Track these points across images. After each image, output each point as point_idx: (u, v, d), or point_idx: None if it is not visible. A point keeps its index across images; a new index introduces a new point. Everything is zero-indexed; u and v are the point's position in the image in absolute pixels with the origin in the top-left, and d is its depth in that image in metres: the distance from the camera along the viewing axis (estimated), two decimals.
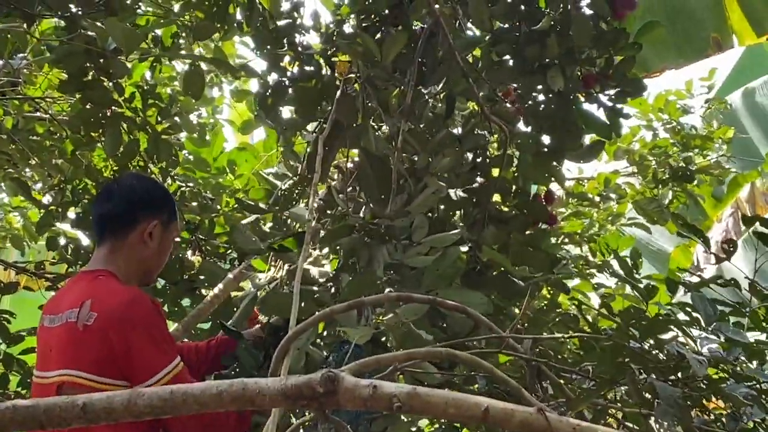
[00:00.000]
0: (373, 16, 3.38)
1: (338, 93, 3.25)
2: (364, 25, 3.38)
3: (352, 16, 3.49)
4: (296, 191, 3.47)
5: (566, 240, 5.13)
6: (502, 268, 3.11)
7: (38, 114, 5.21)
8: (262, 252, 3.33)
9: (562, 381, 2.47)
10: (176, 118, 5.58)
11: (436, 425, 3.61)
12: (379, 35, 3.32)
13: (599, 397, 2.35)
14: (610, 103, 3.57)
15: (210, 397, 1.32)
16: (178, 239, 4.80)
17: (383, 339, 3.09)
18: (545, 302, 3.82)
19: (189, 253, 4.97)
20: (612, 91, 3.56)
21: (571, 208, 5.50)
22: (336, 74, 3.49)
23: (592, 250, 5.17)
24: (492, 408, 1.23)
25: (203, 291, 4.60)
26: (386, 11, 3.36)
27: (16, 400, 1.22)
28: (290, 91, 3.44)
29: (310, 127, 3.51)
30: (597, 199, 5.51)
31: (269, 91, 3.41)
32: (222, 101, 7.37)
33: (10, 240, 6.75)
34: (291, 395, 1.33)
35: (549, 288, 3.72)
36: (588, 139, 3.71)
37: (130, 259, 2.92)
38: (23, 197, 5.69)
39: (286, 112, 3.66)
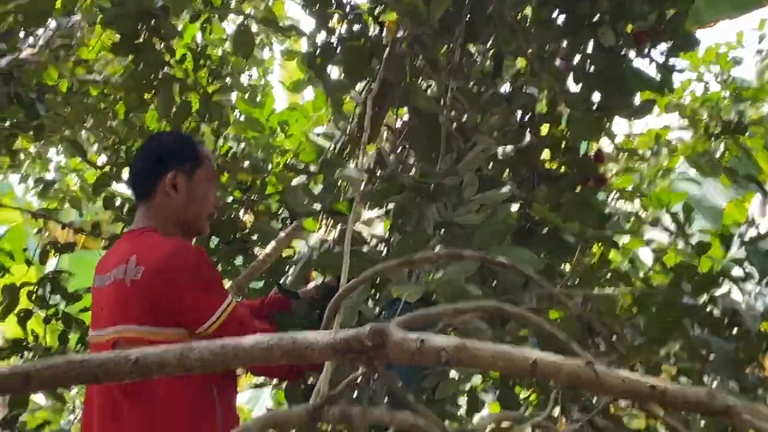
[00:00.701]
0: None
1: (386, 52, 3.24)
2: None
3: None
4: (346, 152, 3.49)
5: (617, 196, 5.09)
6: (552, 226, 3.10)
7: (92, 77, 5.28)
8: (314, 213, 3.35)
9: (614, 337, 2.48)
10: (228, 79, 5.64)
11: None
12: None
13: (652, 353, 2.35)
14: (661, 59, 3.53)
15: (260, 350, 1.34)
16: (230, 198, 4.88)
17: (434, 297, 3.11)
18: (595, 259, 3.81)
19: (241, 212, 5.03)
20: (664, 46, 3.51)
21: (622, 164, 5.45)
22: (384, 33, 3.48)
23: (644, 205, 5.13)
24: (540, 361, 1.25)
25: (256, 250, 4.66)
26: None
27: (71, 355, 1.26)
28: (339, 51, 3.43)
29: (359, 87, 3.51)
30: (648, 154, 5.45)
31: (317, 51, 3.41)
32: (272, 62, 7.41)
33: (69, 201, 6.87)
34: (340, 349, 1.35)
35: (600, 244, 3.70)
36: (639, 95, 3.67)
37: (162, 214, 2.97)
38: (80, 159, 5.79)
39: (336, 72, 3.67)
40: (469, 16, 3.35)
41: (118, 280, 2.79)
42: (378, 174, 3.31)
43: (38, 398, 5.12)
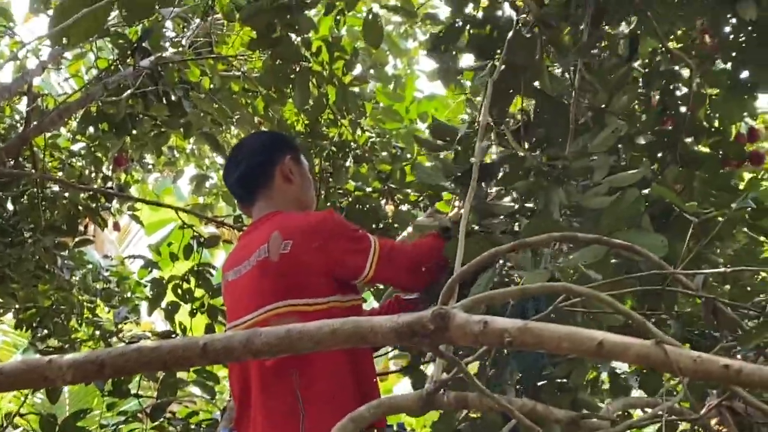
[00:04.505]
0: None
1: (510, 34, 3.17)
2: None
3: None
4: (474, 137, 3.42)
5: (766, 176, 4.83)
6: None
7: (232, 73, 5.41)
8: (445, 189, 3.32)
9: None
10: (371, 70, 5.66)
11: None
12: None
13: None
14: None
15: (324, 334, 1.34)
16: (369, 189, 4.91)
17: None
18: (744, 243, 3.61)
19: (383, 202, 5.04)
20: None
21: None
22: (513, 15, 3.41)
23: None
24: (606, 341, 1.18)
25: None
26: None
27: (141, 342, 1.28)
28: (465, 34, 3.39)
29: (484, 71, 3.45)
30: None
31: (441, 34, 3.38)
32: (417, 52, 7.40)
33: (222, 197, 7.06)
34: (402, 332, 1.33)
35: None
36: None
37: (285, 198, 3.06)
38: (214, 152, 5.94)
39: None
40: None
41: (261, 260, 2.87)
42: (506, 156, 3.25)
43: (193, 389, 5.27)
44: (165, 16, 3.23)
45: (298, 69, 4.33)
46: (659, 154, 3.40)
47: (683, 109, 3.45)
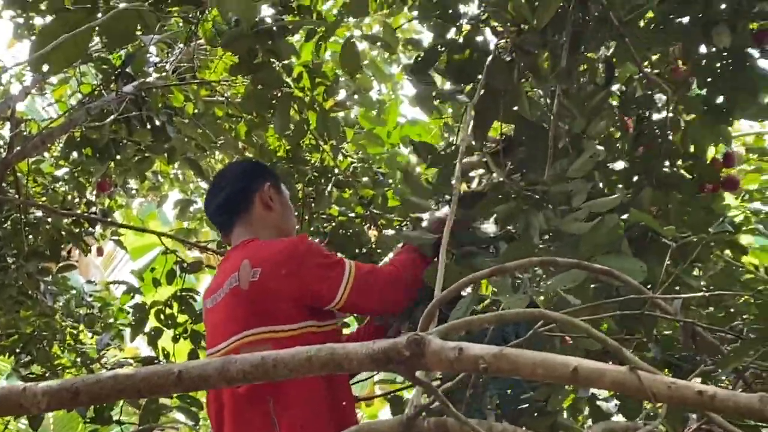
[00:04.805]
0: None
1: (489, 59, 3.20)
2: None
3: None
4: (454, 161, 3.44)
5: (747, 197, 4.88)
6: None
7: (215, 98, 5.43)
8: (427, 207, 3.31)
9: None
10: (355, 96, 5.69)
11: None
12: None
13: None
14: None
15: (300, 362, 1.35)
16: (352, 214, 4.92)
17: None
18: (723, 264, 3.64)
19: (366, 227, 5.05)
20: None
21: (751, 163, 5.21)
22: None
23: None
24: (581, 368, 1.20)
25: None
26: None
27: (117, 370, 1.29)
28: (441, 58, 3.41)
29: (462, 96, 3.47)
30: None
31: (419, 58, 3.41)
32: (402, 77, 7.43)
33: (206, 222, 7.05)
34: (378, 359, 1.34)
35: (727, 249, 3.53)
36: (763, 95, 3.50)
37: (264, 225, 3.07)
38: (198, 178, 5.95)
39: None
40: (579, 17, 3.28)
41: (232, 288, 2.87)
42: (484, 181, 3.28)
43: (177, 415, 5.25)
44: (146, 43, 3.23)
45: (279, 94, 4.35)
46: (635, 179, 3.43)
47: (659, 133, 3.48)
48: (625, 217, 3.06)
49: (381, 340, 1.37)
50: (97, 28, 2.26)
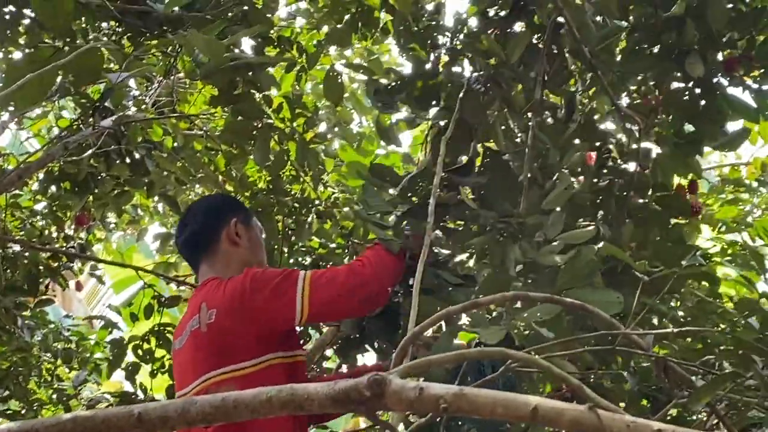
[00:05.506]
0: (496, 11, 3.35)
1: (462, 91, 3.21)
2: (488, 19, 3.34)
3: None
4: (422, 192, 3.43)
5: (722, 228, 4.91)
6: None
7: (194, 131, 5.43)
8: (386, 226, 3.28)
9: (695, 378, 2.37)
10: (336, 128, 5.71)
11: None
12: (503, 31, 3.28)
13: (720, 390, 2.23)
14: (755, 86, 3.38)
15: (260, 403, 1.34)
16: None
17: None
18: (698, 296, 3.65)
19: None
20: (757, 73, 3.37)
21: (728, 194, 5.25)
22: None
23: (751, 236, 4.91)
24: (540, 407, 1.20)
25: None
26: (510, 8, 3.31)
27: (77, 412, 1.29)
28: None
29: (425, 126, 3.50)
30: (755, 184, 5.23)
31: (385, 87, 3.42)
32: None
33: None
34: (339, 399, 1.33)
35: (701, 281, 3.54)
36: (733, 125, 3.53)
37: (230, 263, 3.04)
38: (174, 212, 5.94)
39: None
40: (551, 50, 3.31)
41: (193, 331, 2.85)
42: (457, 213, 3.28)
43: None
44: (113, 81, 3.23)
45: (259, 125, 4.36)
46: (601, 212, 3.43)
47: (632, 165, 3.48)
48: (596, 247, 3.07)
49: (343, 379, 1.36)
50: (63, 67, 2.26)
